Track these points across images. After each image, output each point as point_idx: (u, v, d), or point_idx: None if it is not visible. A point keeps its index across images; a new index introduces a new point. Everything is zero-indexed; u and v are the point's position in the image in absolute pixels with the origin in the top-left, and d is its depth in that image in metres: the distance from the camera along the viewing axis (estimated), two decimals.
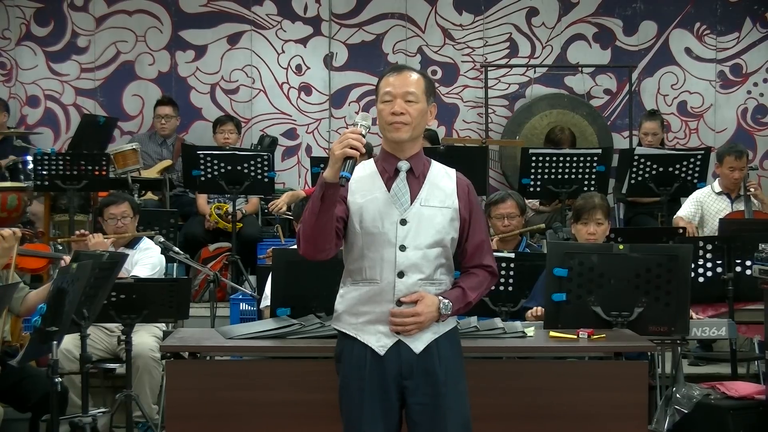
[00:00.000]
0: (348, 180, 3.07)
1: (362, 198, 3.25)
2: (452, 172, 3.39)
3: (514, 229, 5.64)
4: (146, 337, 5.56)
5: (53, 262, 5.79)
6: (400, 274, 3.23)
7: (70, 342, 5.34)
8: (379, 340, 3.25)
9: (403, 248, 3.23)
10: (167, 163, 8.10)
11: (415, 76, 3.29)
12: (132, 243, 5.94)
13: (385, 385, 3.24)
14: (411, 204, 3.26)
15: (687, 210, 6.90)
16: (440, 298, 3.26)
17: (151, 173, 7.92)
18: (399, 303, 3.23)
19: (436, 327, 3.29)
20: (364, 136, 3.12)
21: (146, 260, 5.80)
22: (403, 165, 3.29)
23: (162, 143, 8.32)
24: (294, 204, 6.55)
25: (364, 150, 3.09)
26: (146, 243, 5.96)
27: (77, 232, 5.88)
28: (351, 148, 3.05)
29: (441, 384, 3.25)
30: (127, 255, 5.52)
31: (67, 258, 4.88)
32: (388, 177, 3.28)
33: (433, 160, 3.40)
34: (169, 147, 8.32)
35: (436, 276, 3.29)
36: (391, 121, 3.23)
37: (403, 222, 3.24)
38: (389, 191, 3.27)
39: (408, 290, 3.24)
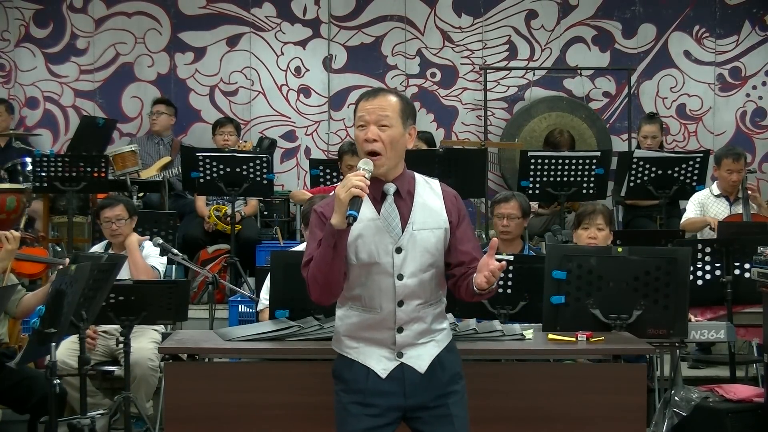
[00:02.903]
0: (355, 219, 3.03)
1: (354, 225, 3.15)
2: (436, 184, 3.34)
3: (512, 231, 5.61)
4: (145, 343, 5.55)
5: (51, 267, 5.79)
6: (400, 303, 3.21)
7: (67, 346, 5.35)
8: (381, 363, 3.24)
9: (400, 277, 3.20)
10: (166, 159, 8.11)
11: (391, 99, 3.22)
12: None
13: (387, 403, 3.23)
14: (403, 230, 3.21)
15: (693, 212, 6.88)
16: None
17: (151, 171, 7.93)
18: (400, 330, 3.22)
19: (438, 342, 3.29)
20: (367, 179, 3.08)
21: (157, 257, 5.86)
22: (390, 188, 3.23)
23: (159, 142, 8.33)
24: (302, 206, 6.53)
25: (368, 191, 3.06)
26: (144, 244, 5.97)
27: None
28: (356, 188, 3.02)
29: (447, 396, 3.26)
30: (126, 257, 5.53)
31: (65, 262, 4.88)
32: (375, 200, 3.23)
33: (416, 174, 3.34)
34: (167, 145, 8.33)
35: (433, 298, 3.29)
36: (366, 149, 3.17)
37: (399, 250, 3.20)
38: (378, 215, 3.22)
39: (408, 316, 3.22)
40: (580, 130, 8.67)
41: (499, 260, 3.14)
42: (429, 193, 3.30)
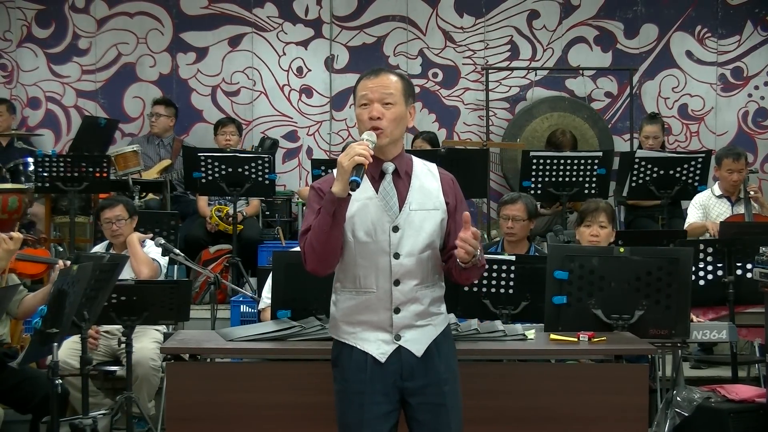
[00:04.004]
0: (358, 185, 3.04)
1: (352, 202, 3.18)
2: (433, 167, 3.37)
3: (517, 233, 5.60)
4: (147, 343, 5.55)
5: (50, 267, 5.79)
6: (396, 282, 3.22)
7: (68, 346, 5.35)
8: (379, 348, 3.24)
9: (397, 256, 3.21)
10: (166, 162, 8.10)
11: (393, 78, 3.26)
12: None
13: (386, 389, 3.24)
14: (401, 210, 3.24)
15: (695, 215, 6.87)
16: None
17: (151, 174, 7.93)
18: (397, 310, 3.23)
19: (435, 326, 3.30)
20: (371, 150, 3.10)
21: (158, 255, 5.86)
22: (389, 166, 3.26)
23: (159, 143, 8.33)
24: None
25: (371, 159, 3.07)
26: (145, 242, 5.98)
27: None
28: (359, 156, 3.04)
29: (443, 382, 3.27)
30: (128, 257, 5.53)
31: (62, 263, 4.87)
32: (374, 179, 3.25)
33: (413, 156, 3.37)
34: (167, 147, 8.33)
35: (430, 280, 3.29)
36: (369, 126, 3.20)
37: (395, 229, 3.22)
38: (377, 193, 3.24)
39: (405, 297, 3.23)
40: (581, 130, 8.66)
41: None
42: (427, 175, 3.33)
